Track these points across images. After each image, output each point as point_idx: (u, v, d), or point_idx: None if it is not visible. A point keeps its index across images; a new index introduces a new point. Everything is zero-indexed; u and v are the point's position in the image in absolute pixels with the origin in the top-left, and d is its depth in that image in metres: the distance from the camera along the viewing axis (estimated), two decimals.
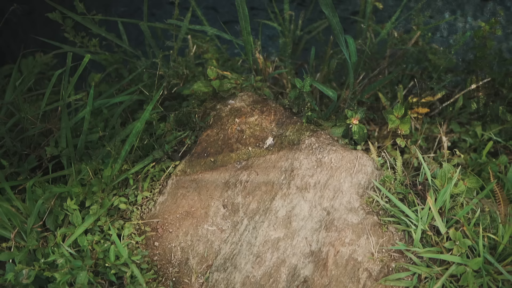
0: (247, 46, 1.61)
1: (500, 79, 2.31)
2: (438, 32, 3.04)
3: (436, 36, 2.91)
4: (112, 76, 1.94)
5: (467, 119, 2.15)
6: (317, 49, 2.77)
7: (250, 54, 1.63)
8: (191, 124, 1.53)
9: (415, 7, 2.39)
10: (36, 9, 3.77)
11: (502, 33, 2.21)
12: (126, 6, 4.31)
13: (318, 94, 2.11)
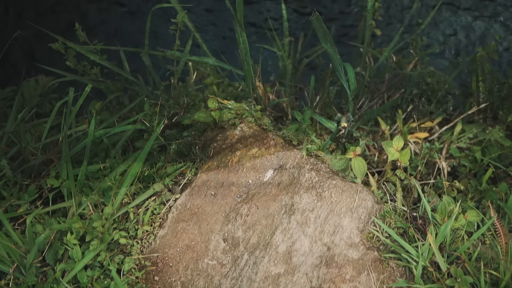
0: (247, 76, 1.63)
1: (498, 102, 2.32)
2: (437, 55, 3.07)
3: (434, 59, 2.94)
4: (113, 104, 1.95)
5: (466, 144, 2.16)
6: (317, 73, 2.79)
7: (250, 84, 1.65)
8: (191, 156, 1.54)
9: (414, 32, 2.42)
10: (39, 34, 3.81)
11: (498, 57, 2.23)
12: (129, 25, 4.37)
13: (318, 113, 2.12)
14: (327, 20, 4.52)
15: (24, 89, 2.74)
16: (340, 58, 1.45)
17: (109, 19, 4.50)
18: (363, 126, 1.95)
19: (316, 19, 1.32)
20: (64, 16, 4.38)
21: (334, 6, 4.66)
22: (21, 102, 2.66)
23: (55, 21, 4.35)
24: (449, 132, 2.25)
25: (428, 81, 2.42)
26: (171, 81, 1.70)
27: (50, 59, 3.31)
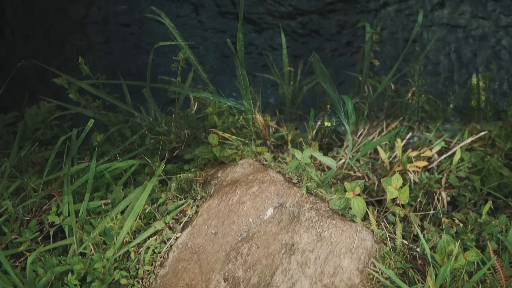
0: (248, 113, 1.65)
1: (496, 131, 2.34)
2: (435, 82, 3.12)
3: (433, 86, 2.98)
4: (115, 135, 1.97)
5: (466, 173, 2.17)
6: (316, 99, 2.82)
7: (251, 120, 1.67)
8: (192, 193, 1.55)
9: (412, 62, 2.45)
10: (43, 68, 3.87)
11: (495, 86, 2.26)
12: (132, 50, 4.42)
13: (318, 148, 2.13)
14: (326, 40, 4.59)
15: (26, 115, 2.77)
16: (339, 96, 1.47)
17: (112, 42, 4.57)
18: (363, 158, 1.96)
19: (316, 60, 1.35)
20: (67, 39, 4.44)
21: (331, 24, 4.73)
22: (23, 128, 2.68)
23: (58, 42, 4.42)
24: (448, 160, 2.26)
25: (426, 109, 2.45)
26: (173, 115, 1.72)
27: (53, 86, 3.33)
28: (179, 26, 4.73)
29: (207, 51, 4.52)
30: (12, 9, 4.66)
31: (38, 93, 3.47)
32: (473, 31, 4.83)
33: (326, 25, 4.76)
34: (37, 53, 4.13)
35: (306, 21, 4.68)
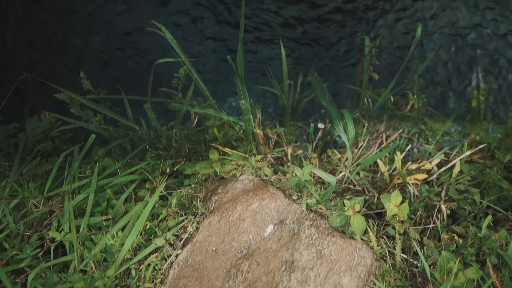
0: (248, 129, 1.66)
1: (496, 143, 2.35)
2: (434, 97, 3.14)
3: (432, 98, 3.00)
4: (116, 150, 1.98)
5: (465, 186, 2.17)
6: (315, 110, 2.84)
7: (251, 136, 1.68)
8: (192, 209, 1.56)
9: (410, 74, 2.47)
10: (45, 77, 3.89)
11: (493, 99, 2.28)
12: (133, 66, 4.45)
13: (317, 164, 2.14)
14: (325, 50, 4.62)
15: (27, 127, 2.78)
16: (338, 114, 1.48)
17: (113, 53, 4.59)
18: (363, 172, 1.97)
19: (315, 79, 1.36)
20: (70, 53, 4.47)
21: (330, 33, 4.77)
22: (24, 140, 2.69)
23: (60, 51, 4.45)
24: (447, 172, 2.27)
25: (425, 121, 2.46)
26: (173, 130, 1.73)
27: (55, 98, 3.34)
28: (179, 36, 4.76)
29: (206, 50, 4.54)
30: (14, 18, 4.69)
31: (40, 104, 3.49)
32: (472, 40, 4.86)
33: (325, 33, 4.80)
34: (39, 62, 4.15)
35: (305, 29, 4.72)
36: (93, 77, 4.41)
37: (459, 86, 3.85)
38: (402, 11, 5.15)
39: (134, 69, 4.59)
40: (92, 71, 4.52)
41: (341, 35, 4.69)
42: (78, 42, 4.71)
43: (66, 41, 4.67)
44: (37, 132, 2.76)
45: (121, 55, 4.63)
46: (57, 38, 4.71)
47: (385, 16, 4.98)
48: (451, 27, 5.03)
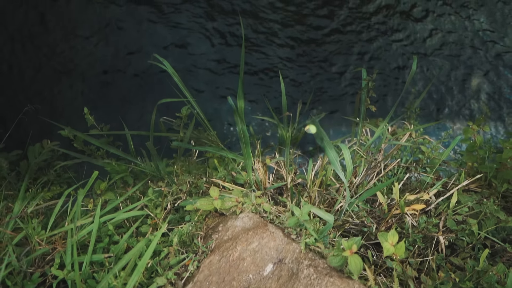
0: (248, 166, 1.69)
1: (492, 172, 2.38)
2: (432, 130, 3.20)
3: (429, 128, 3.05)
4: (118, 183, 2.02)
5: (463, 217, 2.20)
6: (313, 140, 2.88)
7: (251, 172, 1.71)
8: (193, 247, 1.58)
9: (407, 104, 2.52)
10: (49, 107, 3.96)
11: (489, 129, 2.32)
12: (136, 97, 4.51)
13: (316, 195, 2.17)
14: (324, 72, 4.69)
15: (29, 154, 2.82)
16: (336, 155, 1.52)
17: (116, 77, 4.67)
18: (361, 204, 2.00)
19: (312, 122, 1.40)
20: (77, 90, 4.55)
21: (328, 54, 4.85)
22: (27, 169, 2.73)
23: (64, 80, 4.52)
24: (446, 202, 2.29)
25: (423, 150, 2.50)
26: (175, 166, 1.77)
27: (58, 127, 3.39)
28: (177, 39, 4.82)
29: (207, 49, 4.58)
30: (21, 43, 4.79)
31: (43, 133, 3.54)
32: (467, 59, 4.95)
33: (324, 54, 4.89)
34: (43, 85, 4.21)
35: (303, 51, 4.81)
36: (95, 99, 4.47)
37: (457, 104, 3.89)
38: (399, 33, 5.25)
39: (135, 90, 4.66)
40: (94, 91, 4.59)
41: (339, 55, 4.78)
42: (81, 64, 4.79)
43: (69, 64, 4.76)
44: (39, 160, 2.79)
45: (122, 76, 4.71)
46: (61, 61, 4.80)
47: (383, 37, 5.08)
48: (446, 48, 5.12)
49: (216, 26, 5.34)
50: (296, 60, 4.88)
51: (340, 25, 5.24)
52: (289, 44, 5.03)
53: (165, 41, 5.25)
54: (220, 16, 5.46)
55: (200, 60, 5.11)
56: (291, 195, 2.02)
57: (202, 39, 5.22)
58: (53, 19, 5.17)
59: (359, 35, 5.12)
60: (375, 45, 4.97)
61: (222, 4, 5.57)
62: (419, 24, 5.41)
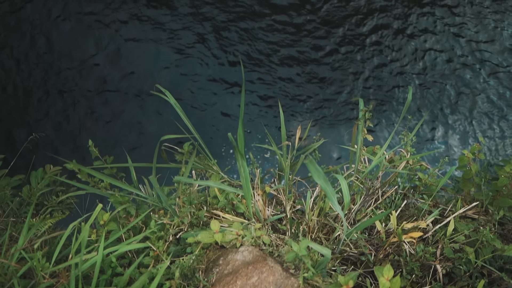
0: (248, 199, 1.74)
1: (488, 199, 2.42)
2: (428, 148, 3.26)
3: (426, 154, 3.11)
4: (120, 214, 2.06)
5: (460, 245, 2.23)
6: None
7: (251, 206, 1.76)
8: (195, 281, 1.62)
9: (403, 131, 2.58)
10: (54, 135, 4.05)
11: (485, 157, 2.37)
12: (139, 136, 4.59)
13: (315, 224, 2.21)
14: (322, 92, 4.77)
15: (32, 179, 2.86)
16: (332, 190, 1.57)
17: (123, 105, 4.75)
18: (359, 235, 2.04)
19: (310, 162, 1.46)
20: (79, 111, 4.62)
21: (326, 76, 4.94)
22: (29, 193, 2.77)
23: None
24: (443, 229, 2.33)
25: (420, 177, 2.54)
26: (177, 199, 1.82)
27: (62, 154, 3.45)
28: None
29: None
30: (26, 66, 4.90)
31: (47, 158, 3.60)
32: (463, 87, 5.04)
33: (323, 73, 4.98)
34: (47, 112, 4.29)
35: (302, 71, 4.90)
36: (99, 125, 4.54)
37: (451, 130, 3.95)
38: (396, 52, 5.36)
39: (137, 113, 4.74)
40: (97, 112, 4.67)
41: (337, 77, 4.87)
42: (84, 85, 4.88)
43: (72, 84, 4.85)
44: (42, 185, 2.84)
45: (124, 96, 4.79)
46: (65, 84, 4.89)
47: (380, 57, 5.19)
48: (443, 75, 5.21)
49: (216, 47, 5.45)
50: (295, 81, 4.96)
51: (338, 45, 5.35)
52: (288, 65, 5.13)
53: (166, 62, 5.37)
54: (220, 37, 5.58)
55: (200, 79, 5.20)
56: (290, 225, 2.06)
57: (201, 60, 5.32)
58: (58, 43, 5.28)
59: (358, 54, 5.20)
60: (371, 65, 5.05)
61: (221, 26, 5.69)
62: (414, 42, 5.51)
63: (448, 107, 4.57)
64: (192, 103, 5.05)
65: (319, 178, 1.52)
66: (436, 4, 6.01)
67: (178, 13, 5.87)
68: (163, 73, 5.07)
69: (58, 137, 4.07)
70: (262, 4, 5.93)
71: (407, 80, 4.99)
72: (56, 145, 4.08)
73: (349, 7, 5.78)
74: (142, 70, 5.11)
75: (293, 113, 4.47)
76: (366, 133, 2.28)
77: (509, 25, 5.91)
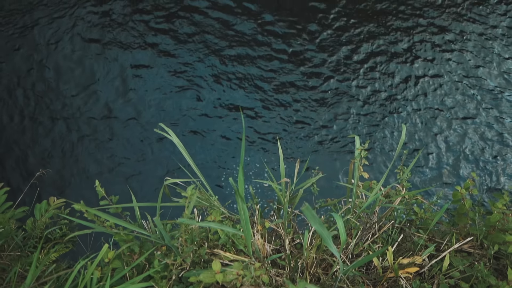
0: (247, 238, 1.81)
1: (483, 233, 2.48)
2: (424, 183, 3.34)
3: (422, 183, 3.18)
4: (125, 251, 2.12)
5: (455, 280, 2.28)
6: (312, 200, 3.01)
7: (250, 247, 1.82)
8: None
9: (399, 166, 2.66)
10: (59, 170, 4.15)
11: (478, 192, 2.44)
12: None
13: (314, 261, 2.27)
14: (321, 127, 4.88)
15: (36, 212, 2.92)
16: (328, 234, 1.64)
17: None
18: (355, 272, 2.09)
19: (306, 209, 1.54)
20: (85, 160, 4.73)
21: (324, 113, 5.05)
22: (33, 226, 2.83)
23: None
24: (439, 263, 2.38)
25: (416, 211, 2.61)
26: (179, 239, 1.89)
27: (67, 189, 3.52)
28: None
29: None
30: (34, 99, 5.03)
31: (50, 190, 3.67)
32: (458, 112, 5.15)
33: (319, 113, 5.11)
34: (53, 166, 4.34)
35: (300, 98, 5.02)
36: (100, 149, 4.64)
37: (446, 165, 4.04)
38: (392, 88, 5.50)
39: (139, 144, 4.84)
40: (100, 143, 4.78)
41: (335, 113, 5.00)
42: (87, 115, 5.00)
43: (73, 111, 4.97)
44: (45, 218, 2.89)
45: (125, 126, 4.91)
46: (68, 111, 5.01)
47: (377, 95, 5.32)
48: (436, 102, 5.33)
49: (216, 73, 5.61)
50: (292, 108, 5.08)
51: (337, 81, 5.49)
52: (285, 92, 5.26)
53: (167, 87, 5.51)
54: (220, 64, 5.74)
55: (199, 105, 5.32)
56: (289, 261, 2.12)
57: (200, 86, 5.45)
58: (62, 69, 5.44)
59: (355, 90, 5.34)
60: (366, 93, 5.18)
61: (221, 53, 5.86)
62: (408, 69, 5.65)
63: (443, 136, 4.67)
64: (192, 128, 5.16)
65: (315, 223, 1.59)
66: (430, 31, 6.20)
67: (180, 41, 6.05)
68: (163, 98, 5.20)
69: (63, 166, 4.16)
70: (261, 33, 6.13)
71: (402, 108, 5.11)
72: (62, 173, 4.17)
73: (344, 36, 5.96)
74: (144, 96, 5.24)
75: (291, 139, 4.56)
76: (362, 171, 2.37)
77: (502, 51, 6.08)
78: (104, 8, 6.34)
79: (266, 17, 6.29)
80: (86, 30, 6.02)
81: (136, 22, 6.24)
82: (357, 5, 6.40)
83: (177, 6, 6.45)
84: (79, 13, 6.17)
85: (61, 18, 6.07)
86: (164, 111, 5.32)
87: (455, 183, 3.88)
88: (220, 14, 6.35)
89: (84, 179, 4.07)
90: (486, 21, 6.46)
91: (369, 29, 6.01)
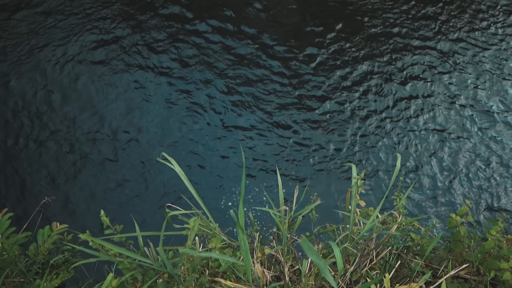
0: (247, 267, 1.87)
1: (479, 260, 2.53)
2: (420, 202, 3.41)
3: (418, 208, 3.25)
4: (127, 279, 2.17)
5: None
6: (311, 227, 3.07)
7: (250, 275, 1.88)
8: None
9: (396, 193, 2.73)
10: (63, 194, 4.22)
11: (473, 219, 2.50)
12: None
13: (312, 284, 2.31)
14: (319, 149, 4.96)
15: (39, 237, 2.96)
16: (325, 264, 1.70)
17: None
18: None
19: (303, 241, 1.60)
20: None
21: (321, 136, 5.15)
22: (36, 252, 2.87)
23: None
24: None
25: (413, 237, 2.67)
26: (181, 269, 1.94)
27: (72, 214, 3.58)
28: None
29: None
30: (29, 120, 5.13)
31: (54, 216, 3.72)
32: (454, 133, 5.25)
33: (316, 135, 5.21)
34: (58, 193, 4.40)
35: (298, 129, 5.12)
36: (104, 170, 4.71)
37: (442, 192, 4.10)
38: (388, 110, 5.61)
39: (139, 166, 4.91)
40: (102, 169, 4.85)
41: (332, 135, 5.09)
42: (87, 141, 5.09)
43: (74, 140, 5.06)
44: (48, 244, 2.92)
45: (126, 153, 4.98)
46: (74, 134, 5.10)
47: (373, 116, 5.43)
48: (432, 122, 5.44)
49: (216, 95, 5.72)
50: (291, 129, 5.17)
51: (335, 102, 5.61)
52: (284, 114, 5.37)
53: (169, 109, 5.62)
54: (220, 85, 5.86)
55: (199, 126, 5.42)
56: None
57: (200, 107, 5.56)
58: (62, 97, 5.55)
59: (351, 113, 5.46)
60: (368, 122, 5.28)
61: (220, 75, 6.00)
62: (405, 91, 5.78)
63: (439, 156, 4.74)
64: (192, 149, 5.24)
65: (312, 255, 1.65)
66: (425, 53, 6.36)
67: (181, 64, 6.20)
68: (164, 119, 5.30)
69: (67, 189, 4.21)
70: (260, 56, 6.29)
71: (398, 129, 5.21)
72: (65, 197, 4.23)
73: (341, 60, 6.12)
74: (145, 117, 5.34)
75: (289, 161, 4.64)
76: (359, 199, 2.44)
77: (497, 72, 6.22)
78: (108, 33, 6.52)
79: (265, 40, 6.47)
80: (90, 54, 6.19)
81: (138, 46, 6.41)
82: (353, 29, 6.59)
83: (179, 30, 6.64)
84: (84, 38, 6.35)
85: (66, 43, 6.24)
86: (164, 132, 5.43)
87: (451, 205, 3.94)
88: (220, 38, 6.53)
89: (88, 199, 4.12)
90: (480, 43, 6.64)
91: (365, 53, 6.17)
